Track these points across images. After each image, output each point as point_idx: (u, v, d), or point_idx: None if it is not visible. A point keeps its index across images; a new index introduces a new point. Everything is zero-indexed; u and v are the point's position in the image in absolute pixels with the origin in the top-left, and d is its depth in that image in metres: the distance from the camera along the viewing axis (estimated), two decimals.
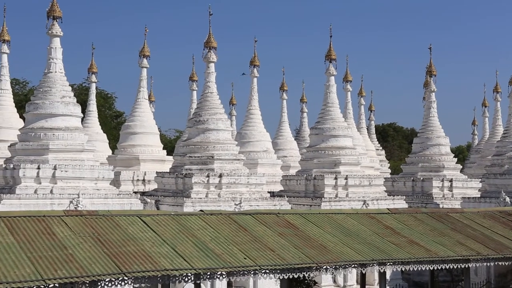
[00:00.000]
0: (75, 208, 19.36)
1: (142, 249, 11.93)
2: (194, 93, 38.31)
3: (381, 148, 44.66)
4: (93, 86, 36.59)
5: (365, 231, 15.04)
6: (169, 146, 42.87)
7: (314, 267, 12.62)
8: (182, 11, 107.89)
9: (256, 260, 12.38)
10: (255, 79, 33.64)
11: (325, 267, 12.72)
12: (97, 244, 11.78)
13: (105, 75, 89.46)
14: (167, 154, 32.27)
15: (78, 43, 79.08)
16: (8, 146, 22.46)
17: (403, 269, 13.92)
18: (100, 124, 35.90)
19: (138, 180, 29.38)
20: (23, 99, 43.91)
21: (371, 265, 13.23)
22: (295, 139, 39.37)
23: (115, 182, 25.97)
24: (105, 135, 35.42)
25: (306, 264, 12.65)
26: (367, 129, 42.68)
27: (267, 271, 12.05)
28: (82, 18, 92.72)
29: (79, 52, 70.83)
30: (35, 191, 20.05)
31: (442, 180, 30.00)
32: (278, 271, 12.22)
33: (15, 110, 28.84)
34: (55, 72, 22.21)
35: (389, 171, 42.02)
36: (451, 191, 29.98)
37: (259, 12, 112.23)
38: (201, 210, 15.31)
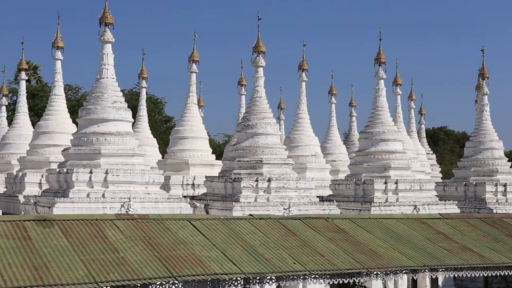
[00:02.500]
0: (126, 211, 19.63)
1: (192, 253, 12.02)
2: (243, 97, 38.43)
3: (432, 152, 43.98)
4: (144, 91, 37.08)
5: (416, 236, 14.83)
6: (218, 151, 43.12)
7: (364, 273, 12.50)
8: (231, 16, 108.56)
9: (306, 265, 12.33)
10: (303, 83, 33.55)
11: (375, 272, 12.58)
12: (148, 248, 11.92)
13: (155, 80, 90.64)
14: (216, 159, 32.44)
15: (129, 49, 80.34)
16: (62, 151, 22.92)
17: (456, 275, 13.66)
18: (150, 129, 36.34)
19: (187, 184, 29.61)
20: (76, 105, 44.86)
21: (422, 271, 13.03)
22: (344, 143, 39.10)
23: (165, 186, 26.25)
24: (155, 139, 35.83)
25: (356, 269, 12.54)
26: (418, 133, 42.10)
27: (317, 276, 11.99)
28: (133, 24, 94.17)
29: (130, 58, 71.93)
30: (88, 195, 20.40)
31: (496, 185, 29.34)
32: (328, 276, 12.14)
33: (68, 115, 29.41)
34: (107, 77, 22.59)
35: (440, 175, 41.34)
36: (505, 196, 29.30)
37: (308, 16, 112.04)
38: (250, 215, 15.35)
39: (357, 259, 12.95)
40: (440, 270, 13.13)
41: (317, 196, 24.88)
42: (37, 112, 47.14)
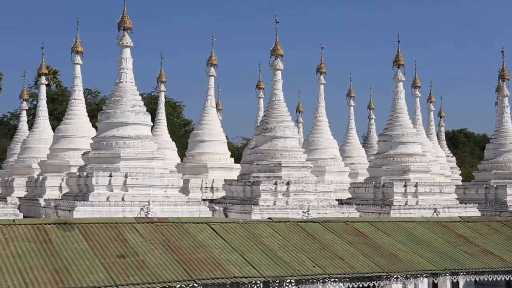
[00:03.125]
0: (146, 215, 19.70)
1: (212, 256, 12.04)
2: (261, 100, 38.46)
3: (451, 154, 43.68)
4: (162, 95, 37.23)
5: (436, 239, 14.73)
6: (236, 154, 43.17)
7: (384, 276, 12.44)
8: (249, 19, 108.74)
9: (325, 268, 12.31)
10: (321, 86, 33.49)
11: (395, 276, 12.52)
12: (167, 251, 11.96)
13: (173, 84, 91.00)
14: (235, 162, 32.47)
15: (147, 53, 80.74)
16: (82, 155, 23.07)
17: (477, 279, 13.54)
18: (168, 133, 36.47)
19: (206, 187, 29.65)
20: (95, 109, 45.15)
21: (443, 274, 12.94)
22: (362, 146, 38.96)
23: (184, 189, 26.31)
24: (174, 143, 35.95)
25: (376, 273, 12.49)
26: (437, 135, 41.84)
27: (336, 279, 11.95)
28: (151, 28, 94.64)
29: (148, 62, 72.25)
30: (107, 198, 20.51)
31: None
32: (348, 279, 12.10)
33: (88, 119, 29.60)
34: (126, 81, 22.71)
35: (460, 178, 41.02)
36: None
37: (326, 19, 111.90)
38: (269, 218, 15.34)
39: (377, 262, 12.89)
40: (461, 273, 13.02)
41: (336, 199, 24.80)
42: (57, 116, 47.53)
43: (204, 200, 24.70)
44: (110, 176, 20.82)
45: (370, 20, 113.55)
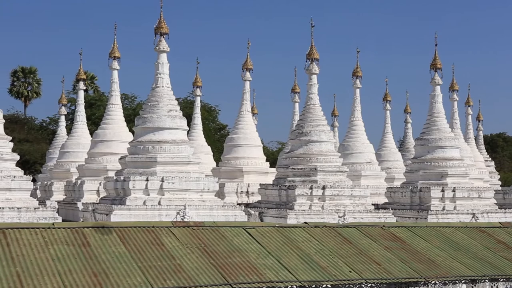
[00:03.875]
0: (182, 219, 19.80)
1: (248, 261, 12.05)
2: (296, 105, 38.36)
3: (490, 159, 42.96)
4: (198, 99, 37.41)
5: (475, 245, 14.52)
6: (271, 158, 43.15)
7: (422, 282, 12.32)
8: (285, 23, 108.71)
9: (362, 274, 12.23)
10: (357, 90, 33.29)
11: (433, 282, 12.39)
12: (203, 255, 12.02)
13: (209, 88, 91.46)
14: (270, 166, 32.43)
15: (183, 58, 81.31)
16: (119, 159, 23.30)
17: None
18: (204, 137, 36.60)
19: (242, 192, 29.68)
20: (132, 113, 45.59)
21: (482, 281, 12.75)
22: (399, 150, 38.57)
23: (220, 193, 26.38)
24: (209, 147, 36.07)
25: (414, 278, 12.37)
26: (475, 139, 41.22)
27: (373, 284, 11.87)
28: (187, 33, 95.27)
29: (184, 66, 72.72)
30: (144, 202, 20.67)
31: None
32: (385, 285, 12.00)
33: (125, 124, 29.88)
34: (162, 86, 22.88)
35: (499, 183, 40.33)
36: None
37: (362, 23, 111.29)
38: (305, 222, 15.30)
39: (414, 268, 12.77)
40: (501, 280, 12.82)
41: (372, 204, 24.61)
42: (94, 121, 48.14)
43: (239, 204, 24.73)
44: (147, 180, 20.98)
45: (407, 23, 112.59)
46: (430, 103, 27.77)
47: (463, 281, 12.66)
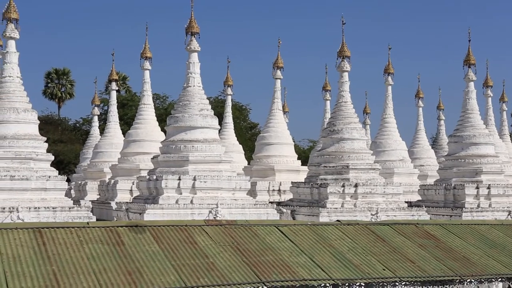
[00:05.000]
0: (214, 217, 19.89)
1: (280, 259, 12.05)
2: (328, 102, 38.22)
3: None
4: (229, 98, 37.50)
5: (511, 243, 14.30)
6: (303, 156, 43.05)
7: (457, 280, 12.18)
8: (315, 21, 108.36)
9: (396, 272, 12.14)
10: (389, 87, 33.05)
11: (468, 280, 12.23)
12: (236, 253, 12.04)
13: (240, 87, 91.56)
14: (301, 164, 32.37)
15: (214, 57, 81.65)
16: (151, 158, 23.49)
17: None
18: (235, 136, 36.68)
19: (273, 190, 29.68)
20: (164, 113, 45.89)
21: None
22: (432, 148, 38.20)
23: (251, 192, 26.42)
24: (240, 146, 36.12)
25: (449, 276, 12.23)
26: (511, 136, 40.60)
27: (407, 283, 11.77)
28: (218, 32, 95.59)
29: (215, 65, 72.99)
30: (177, 201, 20.81)
31: None
32: (419, 283, 11.90)
33: (157, 123, 30.11)
34: (194, 86, 23.00)
35: None
36: None
37: (393, 19, 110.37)
38: (337, 220, 15.25)
39: (449, 266, 12.63)
40: None
41: (405, 202, 24.42)
42: (127, 121, 48.59)
43: (271, 202, 24.74)
44: (179, 179, 21.11)
45: (439, 19, 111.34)
46: (464, 99, 27.44)
47: (499, 279, 12.48)
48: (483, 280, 12.32)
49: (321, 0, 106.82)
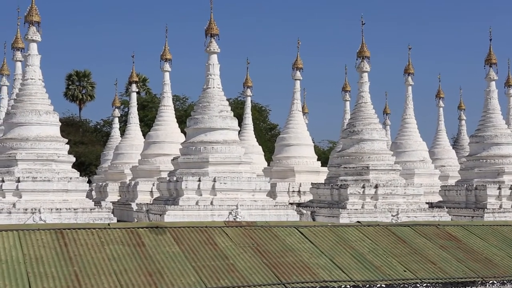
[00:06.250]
0: (234, 219, 19.91)
1: (300, 260, 12.04)
2: (347, 103, 38.11)
3: None
4: (248, 99, 37.52)
5: None
6: (323, 157, 42.98)
7: (479, 282, 12.08)
8: (334, 21, 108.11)
9: (417, 273, 12.07)
10: (409, 87, 32.86)
11: (491, 281, 12.13)
12: (256, 255, 12.05)
13: (259, 88, 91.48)
14: (321, 165, 32.30)
15: (233, 58, 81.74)
16: (171, 160, 23.58)
17: None
18: (255, 137, 36.69)
19: (293, 191, 29.65)
20: (183, 114, 46.06)
21: None
22: (453, 148, 37.94)
23: (271, 193, 26.41)
24: (260, 147, 36.14)
25: (470, 278, 12.14)
26: None
27: (429, 284, 11.70)
28: (237, 33, 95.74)
29: (234, 67, 73.05)
30: (197, 203, 20.86)
31: None
32: (440, 284, 11.82)
33: (177, 125, 30.21)
34: (213, 87, 23.04)
35: None
36: None
37: (413, 19, 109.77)
38: (358, 222, 15.19)
39: (471, 267, 12.53)
40: None
41: (426, 203, 24.26)
42: (147, 122, 48.82)
43: (291, 203, 24.72)
44: (199, 180, 21.16)
45: (459, 18, 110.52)
46: (485, 99, 27.22)
47: None
48: (505, 282, 12.20)
49: (340, 1, 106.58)
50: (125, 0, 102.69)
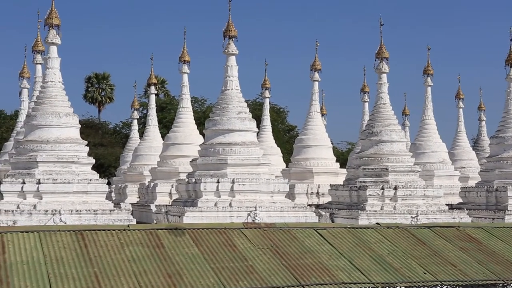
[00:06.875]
0: (253, 220, 19.93)
1: (319, 262, 12.00)
2: (366, 104, 37.98)
3: None
4: (267, 101, 37.52)
5: None
6: (341, 159, 42.85)
7: (500, 284, 11.97)
8: (353, 22, 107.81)
9: (437, 275, 11.99)
10: (429, 88, 32.69)
11: None
12: (275, 256, 12.04)
13: (277, 90, 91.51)
14: (340, 167, 32.23)
15: (251, 60, 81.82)
16: (190, 161, 23.65)
17: None
18: (273, 138, 36.68)
19: (312, 193, 29.60)
20: (202, 116, 46.17)
21: None
22: (473, 149, 37.67)
23: (290, 195, 26.39)
24: (279, 149, 36.13)
25: (491, 280, 12.03)
26: None
27: (449, 286, 11.61)
28: (255, 35, 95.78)
29: (253, 68, 73.08)
30: (215, 204, 20.90)
31: None
32: (461, 287, 11.72)
33: (195, 127, 30.32)
34: (232, 89, 23.09)
35: None
36: None
37: (432, 19, 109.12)
38: (377, 223, 15.11)
39: (492, 269, 12.42)
40: None
41: (446, 204, 24.10)
42: (165, 124, 49.00)
43: (310, 205, 24.67)
44: (218, 182, 21.21)
45: (479, 18, 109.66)
46: (506, 100, 26.98)
47: None
48: None
49: (359, 1, 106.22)
50: (144, 3, 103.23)
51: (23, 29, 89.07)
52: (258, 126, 25.05)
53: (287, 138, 58.33)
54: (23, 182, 19.47)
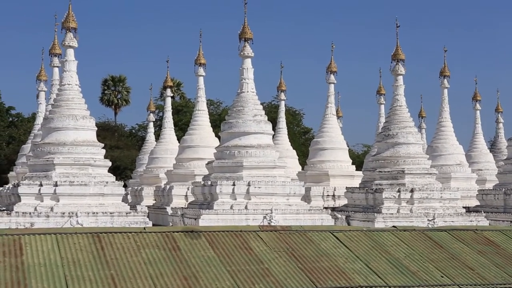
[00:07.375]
0: (269, 223, 19.90)
1: (336, 265, 11.95)
2: (382, 107, 37.85)
3: None
4: (282, 103, 37.52)
5: None
6: (357, 161, 42.74)
7: None
8: (368, 24, 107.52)
9: (454, 279, 11.89)
10: (445, 90, 32.53)
11: None
12: (291, 259, 12.00)
13: (293, 92, 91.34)
14: (356, 169, 32.15)
15: (267, 62, 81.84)
16: (206, 164, 23.69)
17: None
18: (289, 141, 36.66)
19: (328, 195, 29.54)
20: (217, 119, 46.30)
21: None
22: (490, 151, 37.42)
23: (306, 197, 26.36)
24: (294, 151, 36.10)
25: (510, 284, 11.91)
26: None
27: None
28: (271, 38, 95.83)
29: (268, 71, 73.09)
30: (231, 207, 20.91)
31: None
32: None
33: (211, 129, 30.39)
34: (247, 91, 23.11)
35: None
36: None
37: (448, 20, 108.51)
38: (393, 226, 15.04)
39: (510, 273, 12.30)
40: None
41: (463, 207, 23.94)
42: (181, 127, 49.14)
43: (326, 208, 24.61)
44: (234, 185, 21.22)
45: (494, 19, 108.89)
46: None
47: None
48: None
49: (374, 4, 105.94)
50: (160, 6, 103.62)
51: (41, 32, 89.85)
52: (273, 128, 25.03)
53: (303, 141, 58.27)
54: (41, 185, 19.61)
